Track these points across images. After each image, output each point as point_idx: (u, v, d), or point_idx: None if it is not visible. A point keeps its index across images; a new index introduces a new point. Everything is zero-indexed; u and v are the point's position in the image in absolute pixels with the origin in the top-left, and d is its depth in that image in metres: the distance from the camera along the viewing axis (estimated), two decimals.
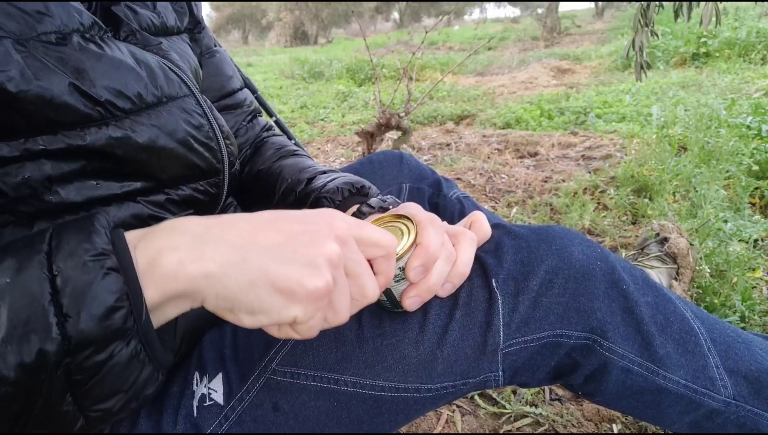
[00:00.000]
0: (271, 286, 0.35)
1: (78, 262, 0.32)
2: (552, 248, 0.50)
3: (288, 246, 0.36)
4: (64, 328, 0.31)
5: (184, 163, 0.50)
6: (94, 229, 0.34)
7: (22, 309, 0.30)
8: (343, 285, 0.38)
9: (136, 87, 0.46)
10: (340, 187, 0.62)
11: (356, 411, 0.49)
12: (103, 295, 0.32)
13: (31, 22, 0.41)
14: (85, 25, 0.45)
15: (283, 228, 0.37)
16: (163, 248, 0.34)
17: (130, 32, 0.51)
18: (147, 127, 0.46)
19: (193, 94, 0.53)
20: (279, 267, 0.35)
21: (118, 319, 0.32)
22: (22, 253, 0.32)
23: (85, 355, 0.32)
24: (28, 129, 0.40)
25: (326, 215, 0.39)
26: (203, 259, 0.34)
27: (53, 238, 0.33)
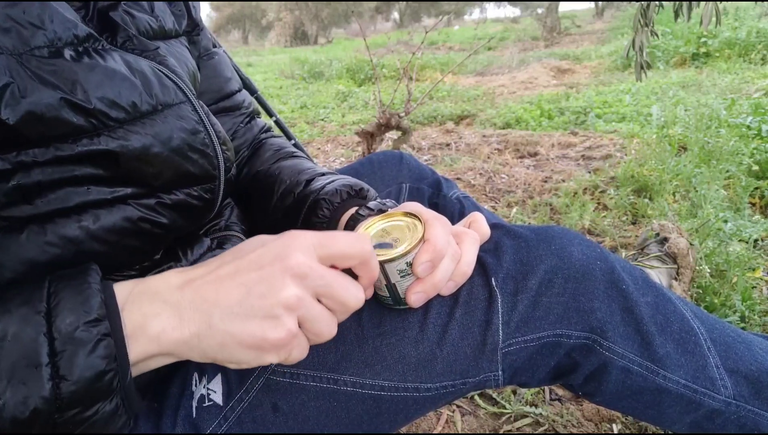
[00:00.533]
0: (239, 344, 0.38)
1: (75, 328, 0.35)
2: (551, 248, 0.50)
3: (246, 302, 0.38)
4: (59, 389, 0.34)
5: (178, 170, 0.50)
6: (91, 291, 0.37)
7: (20, 368, 0.33)
8: (313, 316, 0.40)
9: (130, 96, 0.46)
10: (338, 190, 0.62)
11: (356, 411, 0.49)
12: (96, 361, 0.35)
13: (25, 36, 0.41)
14: (80, 37, 0.45)
15: (241, 280, 0.39)
16: (148, 314, 0.38)
17: (127, 38, 0.51)
18: (141, 136, 0.46)
19: (189, 101, 0.52)
20: (241, 325, 0.38)
21: (106, 381, 0.35)
22: (21, 312, 0.35)
23: (73, 412, 0.35)
24: (20, 143, 0.40)
25: (281, 251, 0.40)
26: (182, 327, 0.38)
27: (51, 298, 0.36)
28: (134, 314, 0.38)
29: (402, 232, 0.49)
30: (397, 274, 0.47)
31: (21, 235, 0.42)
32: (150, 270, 0.52)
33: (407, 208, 0.53)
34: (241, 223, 0.67)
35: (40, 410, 0.33)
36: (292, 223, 0.64)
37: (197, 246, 0.56)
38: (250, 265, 0.40)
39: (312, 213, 0.62)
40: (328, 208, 0.61)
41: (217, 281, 0.39)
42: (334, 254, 0.41)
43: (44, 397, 0.33)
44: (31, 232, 0.42)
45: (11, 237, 0.42)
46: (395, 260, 0.46)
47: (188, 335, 0.38)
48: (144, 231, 0.48)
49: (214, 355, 0.39)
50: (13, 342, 0.33)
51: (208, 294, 0.39)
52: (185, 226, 0.54)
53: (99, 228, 0.45)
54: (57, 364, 0.34)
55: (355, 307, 0.42)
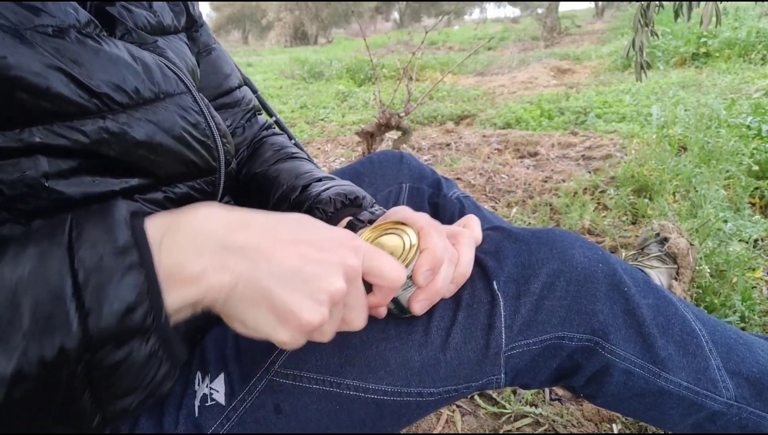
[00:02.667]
0: (270, 308, 0.36)
1: (99, 257, 0.32)
2: (553, 251, 0.51)
3: (298, 275, 0.36)
4: (86, 325, 0.31)
5: (181, 160, 0.50)
6: (115, 220, 0.33)
7: (43, 304, 0.30)
8: (336, 317, 0.40)
9: (133, 82, 0.46)
10: (332, 198, 0.62)
11: (358, 414, 0.49)
12: (124, 292, 0.32)
13: (29, 16, 0.41)
14: (81, 22, 0.45)
15: (300, 250, 0.37)
16: (189, 252, 0.35)
17: (126, 31, 0.51)
18: (144, 123, 0.46)
19: (189, 92, 0.53)
20: (283, 292, 0.36)
21: (137, 316, 0.32)
22: (42, 245, 0.32)
23: (104, 351, 0.32)
24: (24, 119, 0.40)
25: (344, 245, 0.39)
26: (224, 269, 0.35)
27: (73, 229, 0.32)
28: (173, 251, 0.35)
29: (396, 245, 0.48)
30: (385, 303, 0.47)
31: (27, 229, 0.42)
32: None
33: (397, 215, 0.52)
34: None
35: (68, 349, 0.30)
36: None
37: None
38: (313, 242, 0.38)
39: None
40: (321, 218, 0.61)
41: (277, 240, 0.37)
42: (375, 271, 0.41)
43: (71, 333, 0.30)
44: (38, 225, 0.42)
45: (17, 230, 0.42)
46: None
47: (227, 281, 0.35)
48: None
49: (235, 307, 0.36)
50: (33, 278, 0.30)
51: (265, 246, 0.36)
52: None
53: None
54: (82, 297, 0.31)
55: (356, 329, 0.43)
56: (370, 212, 0.60)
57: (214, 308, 0.37)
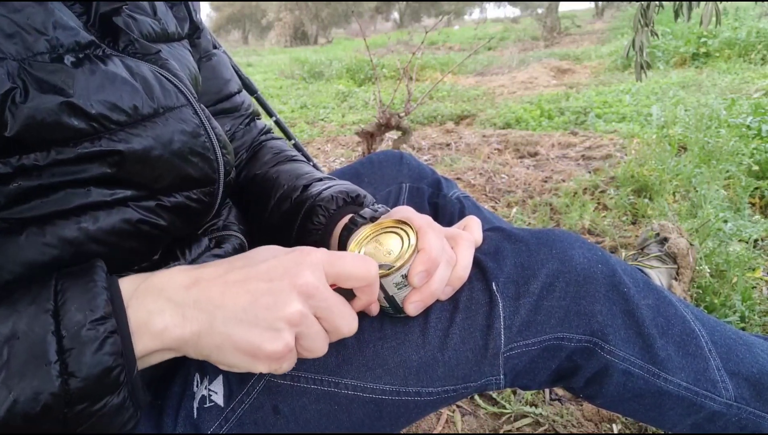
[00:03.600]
0: (234, 349, 0.39)
1: (82, 326, 0.36)
2: (552, 252, 0.50)
3: (251, 310, 0.39)
4: (68, 385, 0.35)
5: (179, 173, 0.50)
6: (97, 289, 0.37)
7: (30, 366, 0.34)
8: (310, 334, 0.41)
9: (131, 100, 0.46)
10: (334, 196, 0.62)
11: (357, 414, 0.49)
12: (104, 358, 0.36)
13: (28, 42, 0.41)
14: (81, 44, 0.45)
15: (249, 287, 0.40)
16: (152, 311, 0.39)
17: (129, 42, 0.51)
18: (142, 139, 0.46)
19: (190, 104, 0.53)
20: (242, 331, 0.39)
21: (114, 376, 0.36)
22: (30, 311, 0.36)
23: (82, 407, 0.36)
24: (22, 148, 0.40)
25: (295, 266, 0.41)
26: (184, 325, 0.39)
27: (59, 296, 0.36)
28: (139, 311, 0.39)
29: (395, 243, 0.49)
30: (393, 287, 0.47)
31: (20, 237, 0.42)
32: (148, 271, 0.52)
33: (398, 214, 0.53)
34: (239, 223, 0.67)
35: (50, 405, 0.34)
36: (289, 229, 0.64)
37: (195, 246, 0.56)
38: (260, 275, 0.40)
39: (308, 219, 0.62)
40: (323, 215, 0.61)
41: (226, 285, 0.40)
42: (341, 274, 0.42)
43: (54, 393, 0.34)
44: (30, 234, 0.42)
45: (10, 239, 0.42)
46: (390, 274, 0.46)
47: (189, 333, 0.39)
48: (143, 233, 0.48)
49: (209, 354, 0.40)
50: (23, 340, 0.34)
51: (215, 296, 0.40)
52: (183, 228, 0.54)
53: (98, 229, 0.45)
54: (66, 361, 0.35)
55: (347, 335, 0.44)
56: (372, 209, 0.60)
57: (189, 355, 0.41)
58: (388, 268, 0.46)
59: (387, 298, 0.48)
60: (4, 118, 0.38)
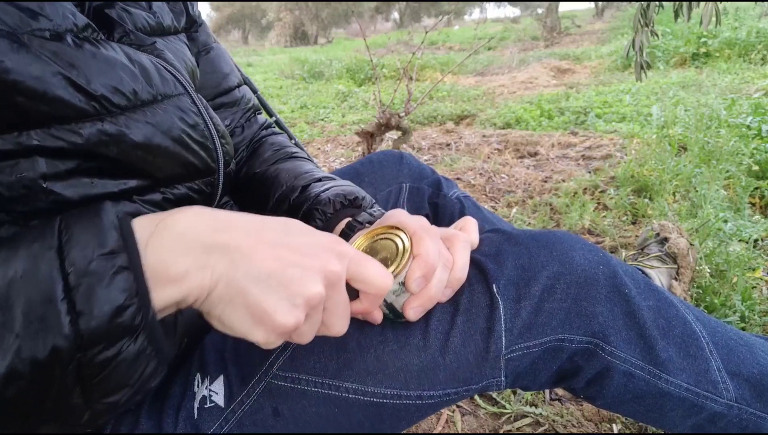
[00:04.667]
0: (245, 307, 0.37)
1: (89, 260, 0.32)
2: (553, 254, 0.50)
3: (276, 277, 0.37)
4: (77, 325, 0.32)
5: (180, 161, 0.50)
6: (103, 223, 0.34)
7: (35, 306, 0.31)
8: (315, 321, 0.40)
9: (131, 84, 0.46)
10: (331, 199, 0.62)
11: (357, 417, 0.48)
12: (114, 294, 0.32)
13: (26, 19, 0.40)
14: (79, 26, 0.45)
15: (281, 253, 0.38)
16: (173, 253, 0.36)
17: (124, 33, 0.51)
18: (142, 125, 0.46)
19: (188, 93, 0.53)
20: (259, 293, 0.37)
21: (127, 316, 0.33)
22: (33, 247, 0.32)
23: (95, 351, 0.32)
24: (21, 122, 0.40)
25: (328, 250, 0.40)
26: (206, 269, 0.36)
27: (63, 232, 0.33)
28: (159, 252, 0.36)
29: (390, 250, 0.48)
30: (391, 294, 0.47)
31: None
32: None
33: (391, 219, 0.52)
34: None
35: (60, 348, 0.31)
36: None
37: None
38: (294, 247, 0.39)
39: (305, 222, 0.61)
40: (320, 219, 0.61)
41: (259, 242, 0.38)
42: (361, 277, 0.42)
43: (63, 333, 0.31)
44: None
45: (15, 231, 0.41)
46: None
47: (208, 280, 0.36)
48: None
49: (215, 305, 0.37)
50: (25, 280, 0.31)
51: (245, 248, 0.37)
52: None
53: None
54: (73, 299, 0.32)
55: (335, 335, 0.43)
56: (369, 214, 0.60)
57: (196, 305, 0.38)
58: None
59: (386, 305, 0.48)
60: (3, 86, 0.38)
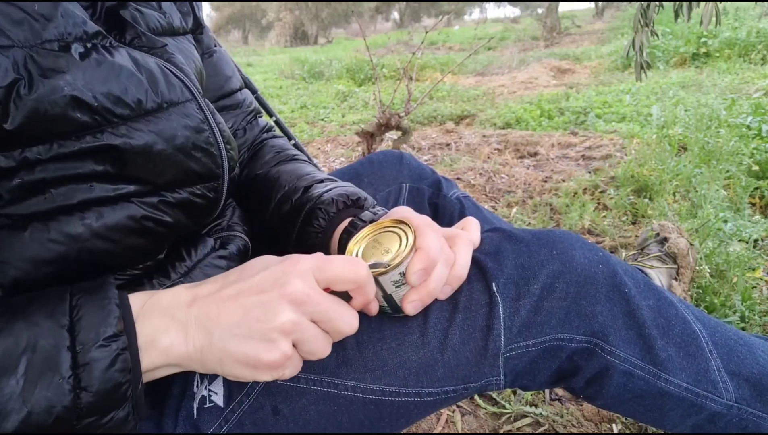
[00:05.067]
0: (235, 362, 0.41)
1: (96, 343, 0.37)
2: (553, 253, 0.50)
3: (244, 324, 0.40)
4: (79, 399, 0.36)
5: (182, 168, 0.50)
6: (111, 307, 0.39)
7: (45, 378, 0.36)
8: (307, 338, 0.42)
9: (136, 93, 0.46)
10: (334, 199, 0.62)
11: (357, 415, 0.49)
12: (115, 374, 0.37)
13: (36, 29, 0.41)
14: (89, 33, 0.45)
15: (242, 302, 0.41)
16: (158, 329, 0.41)
17: (136, 35, 0.51)
18: (144, 133, 0.46)
19: (195, 99, 0.52)
20: (238, 345, 0.40)
21: (122, 392, 0.38)
22: (46, 325, 0.37)
23: (90, 420, 0.38)
24: (24, 141, 0.40)
25: (284, 276, 0.41)
26: (187, 342, 0.41)
27: (74, 311, 0.38)
28: (146, 327, 0.41)
29: (393, 242, 0.49)
30: (391, 285, 0.47)
31: (24, 233, 0.42)
32: (153, 270, 0.52)
33: (396, 214, 0.53)
34: (243, 223, 0.66)
35: (62, 418, 0.36)
36: (289, 231, 0.64)
37: (201, 246, 0.56)
38: (252, 288, 0.41)
39: (308, 222, 0.61)
40: (323, 218, 0.61)
41: (220, 301, 0.41)
42: (331, 278, 0.42)
43: (66, 406, 0.36)
44: (34, 230, 0.42)
45: (15, 235, 0.42)
46: (388, 272, 0.46)
47: (192, 350, 0.41)
48: (148, 229, 0.48)
49: (213, 368, 0.42)
50: (39, 354, 0.36)
51: (211, 313, 0.41)
52: (189, 225, 0.54)
53: (102, 226, 0.45)
54: (79, 376, 0.36)
55: (348, 333, 0.44)
56: (372, 213, 0.60)
57: (196, 370, 0.43)
58: (385, 265, 0.46)
59: (385, 296, 0.48)
60: (7, 110, 0.38)
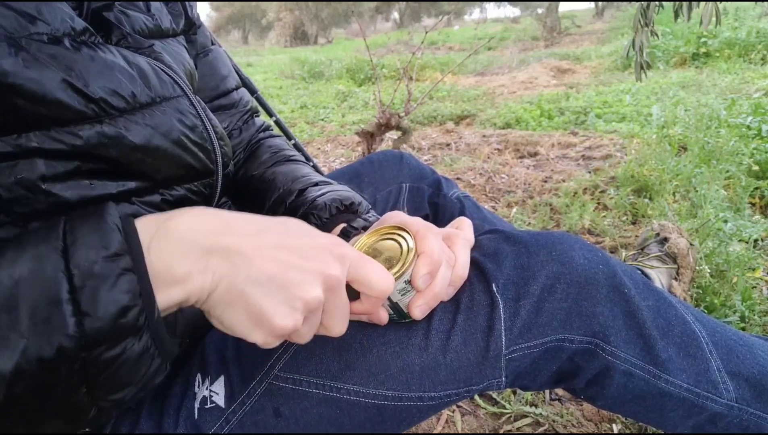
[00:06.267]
0: (245, 310, 0.37)
1: (93, 262, 0.33)
2: (552, 254, 0.50)
3: (276, 281, 0.37)
4: (82, 325, 0.32)
5: (179, 163, 0.50)
6: (108, 226, 0.35)
7: (41, 306, 0.32)
8: (313, 322, 0.40)
9: (129, 87, 0.46)
10: (327, 204, 0.62)
11: (358, 419, 0.49)
12: (119, 295, 0.33)
13: (24, 23, 0.41)
14: (77, 30, 0.45)
15: (280, 256, 0.38)
16: (175, 255, 0.36)
17: (122, 36, 0.51)
18: (141, 127, 0.46)
19: (186, 95, 0.53)
20: (259, 296, 0.37)
21: (131, 317, 0.34)
22: (38, 249, 0.33)
23: (100, 350, 0.33)
24: (21, 125, 0.40)
25: (328, 253, 0.40)
26: (206, 271, 0.37)
27: (68, 233, 0.34)
28: (162, 254, 0.36)
29: (393, 250, 0.48)
30: (397, 294, 0.47)
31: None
32: None
33: (393, 220, 0.52)
34: None
35: (66, 348, 0.32)
36: None
37: None
38: (295, 249, 0.39)
39: None
40: (316, 223, 0.61)
41: (261, 245, 0.38)
42: (362, 279, 0.42)
43: (68, 334, 0.32)
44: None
45: (14, 233, 0.42)
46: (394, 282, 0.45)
47: (209, 283, 0.37)
48: None
49: (215, 306, 0.38)
50: (31, 281, 0.32)
51: (246, 250, 0.37)
52: None
53: None
54: (78, 300, 0.32)
55: (334, 336, 0.43)
56: (364, 219, 0.60)
57: (197, 305, 0.38)
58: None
59: (391, 305, 0.48)
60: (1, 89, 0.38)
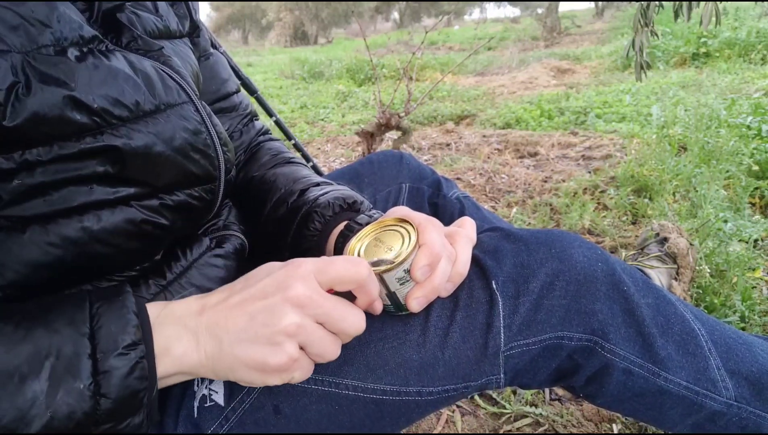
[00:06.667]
0: (244, 367, 0.42)
1: (116, 351, 0.38)
2: (552, 251, 0.51)
3: (250, 329, 0.42)
4: (99, 405, 0.37)
5: (180, 170, 0.50)
6: (130, 316, 0.40)
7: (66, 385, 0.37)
8: (314, 340, 0.43)
9: (133, 95, 0.46)
10: (330, 202, 0.62)
11: (357, 415, 0.49)
12: (133, 382, 0.38)
13: (33, 34, 0.41)
14: (85, 38, 0.45)
15: (247, 308, 0.42)
16: (172, 337, 0.42)
17: (132, 38, 0.51)
18: (144, 135, 0.46)
19: (191, 101, 0.53)
20: (245, 350, 0.42)
21: (139, 399, 0.39)
22: (67, 332, 0.38)
23: (107, 426, 0.38)
24: (24, 143, 0.41)
25: (287, 279, 0.42)
26: (198, 350, 0.42)
27: (94, 320, 0.39)
28: (161, 336, 0.42)
29: (396, 240, 0.49)
30: (396, 283, 0.47)
31: (23, 236, 0.42)
32: (149, 271, 0.52)
33: (397, 213, 0.53)
34: (239, 223, 0.67)
35: (82, 423, 0.37)
36: (285, 234, 0.64)
37: (196, 246, 0.56)
38: (256, 294, 0.43)
39: (303, 225, 0.62)
40: (319, 222, 0.61)
41: (227, 309, 0.43)
42: (333, 279, 0.43)
43: (86, 412, 0.37)
44: (33, 232, 0.42)
45: (13, 237, 0.42)
46: (393, 269, 0.46)
47: (204, 357, 0.42)
48: (146, 233, 0.48)
49: (225, 374, 0.43)
50: (62, 361, 0.37)
51: (220, 320, 0.42)
52: (185, 227, 0.54)
53: (101, 229, 0.45)
54: (99, 382, 0.37)
55: (355, 334, 0.44)
56: (368, 216, 0.60)
57: (207, 377, 0.44)
58: (389, 263, 0.46)
59: (389, 294, 0.48)
60: (6, 113, 0.38)
